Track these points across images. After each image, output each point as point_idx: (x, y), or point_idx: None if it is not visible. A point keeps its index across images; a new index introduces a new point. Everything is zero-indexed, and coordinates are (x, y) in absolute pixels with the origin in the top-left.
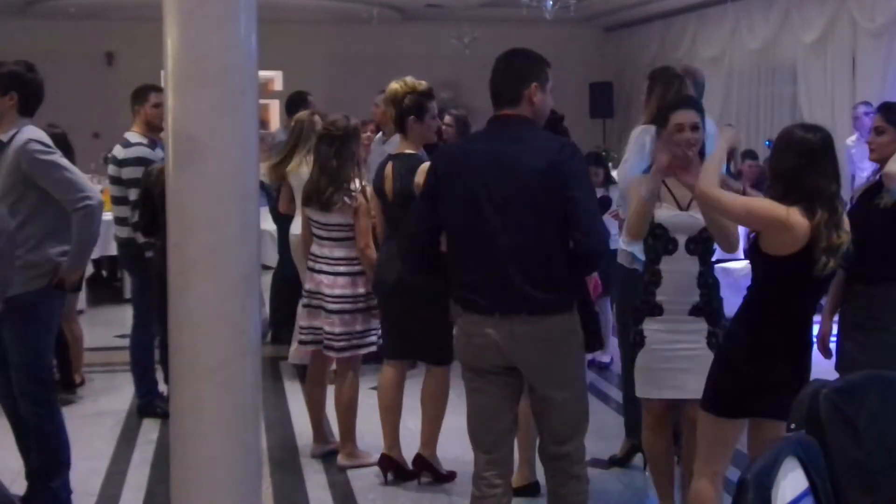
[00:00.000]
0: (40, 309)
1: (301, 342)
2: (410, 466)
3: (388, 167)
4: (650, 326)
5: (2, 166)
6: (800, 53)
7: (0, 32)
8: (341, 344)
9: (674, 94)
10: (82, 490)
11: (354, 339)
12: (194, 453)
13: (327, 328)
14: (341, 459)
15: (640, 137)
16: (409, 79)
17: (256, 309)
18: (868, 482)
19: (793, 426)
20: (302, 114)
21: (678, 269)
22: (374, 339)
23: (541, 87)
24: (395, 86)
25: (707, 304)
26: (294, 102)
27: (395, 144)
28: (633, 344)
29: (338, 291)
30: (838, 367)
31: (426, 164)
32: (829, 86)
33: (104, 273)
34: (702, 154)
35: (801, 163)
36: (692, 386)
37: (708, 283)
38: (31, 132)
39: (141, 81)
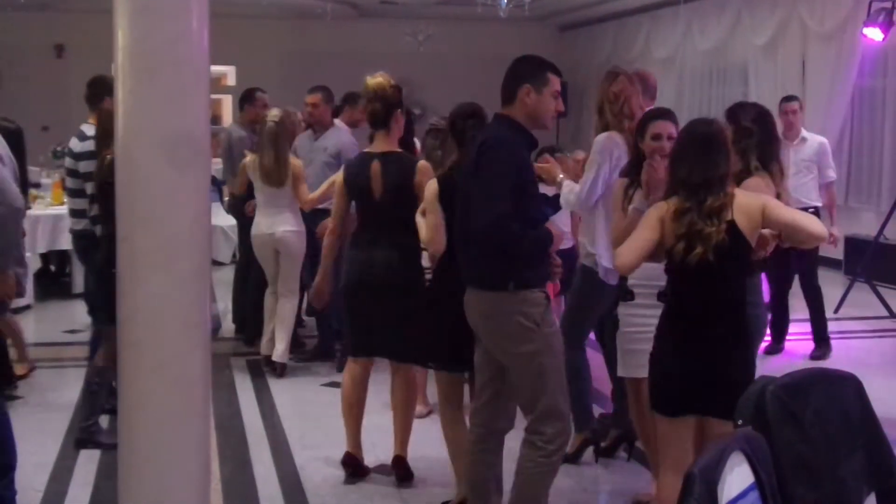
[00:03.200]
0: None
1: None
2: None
3: (375, 166)
4: (624, 311)
5: None
6: (751, 55)
7: None
8: None
9: (605, 92)
10: (28, 486)
11: None
12: (143, 448)
13: None
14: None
15: (608, 146)
16: (383, 74)
17: (207, 303)
18: (813, 477)
19: (740, 422)
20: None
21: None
22: None
23: (535, 89)
24: (379, 80)
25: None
26: (244, 98)
27: (334, 140)
28: (612, 325)
29: None
30: None
31: (425, 164)
32: (779, 87)
33: (52, 267)
34: None
35: (674, 156)
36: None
37: None
38: None
39: (91, 74)
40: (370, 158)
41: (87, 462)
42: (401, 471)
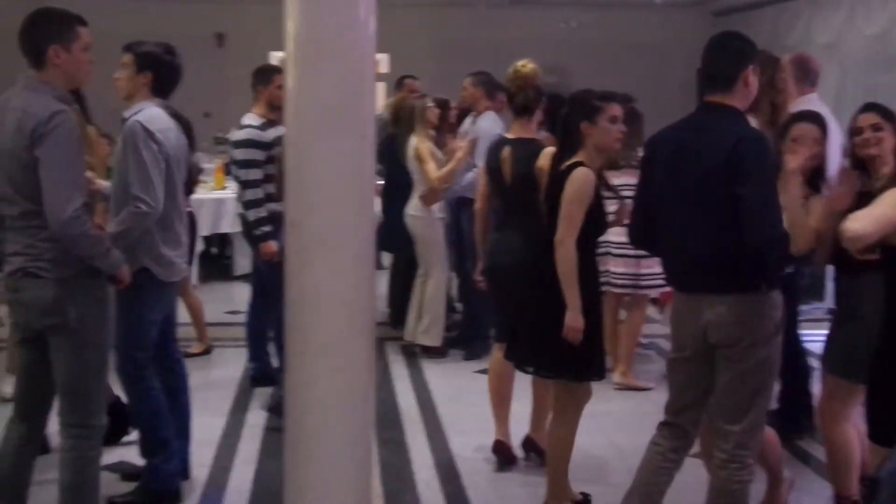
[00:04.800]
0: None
1: None
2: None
3: (506, 151)
4: None
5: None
6: None
7: (113, 13)
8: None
9: (765, 81)
10: (196, 461)
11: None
12: (308, 429)
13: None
14: (617, 378)
15: None
16: (532, 62)
17: (372, 288)
18: None
19: None
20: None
21: None
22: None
23: (754, 71)
24: (531, 66)
25: None
26: (396, 86)
27: (490, 124)
28: None
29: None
30: None
31: (550, 150)
32: None
33: (214, 250)
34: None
35: None
36: None
37: None
38: (147, 115)
39: (251, 62)
40: (504, 143)
41: (251, 440)
42: (531, 449)
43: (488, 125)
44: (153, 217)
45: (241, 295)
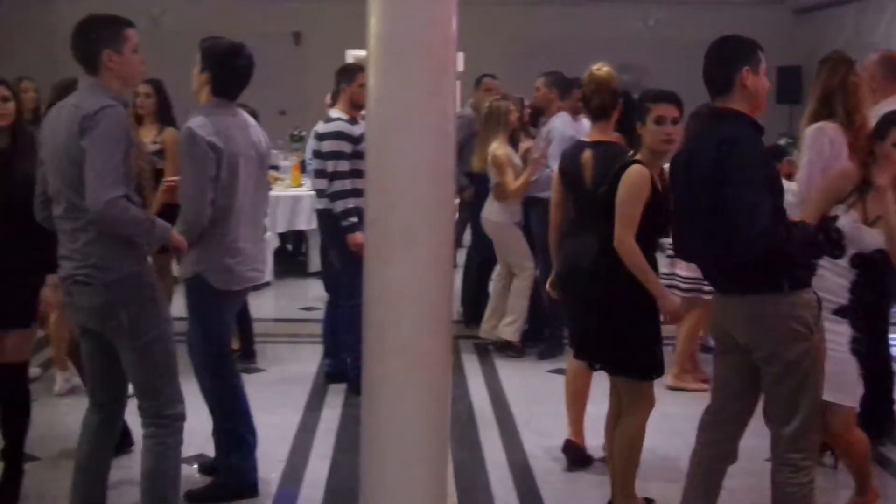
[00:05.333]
0: (195, 294)
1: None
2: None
3: (587, 154)
4: None
5: None
6: None
7: (194, 11)
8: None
9: (836, 83)
10: (272, 456)
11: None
12: (384, 428)
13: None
14: (670, 380)
15: (819, 140)
16: (607, 64)
17: (450, 287)
18: None
19: None
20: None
21: (834, 271)
22: None
23: (752, 70)
24: (606, 69)
25: (854, 308)
26: (476, 84)
27: (562, 125)
28: None
29: None
30: None
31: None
32: None
33: (289, 247)
34: None
35: None
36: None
37: (859, 290)
38: (201, 119)
39: (327, 61)
40: (583, 147)
41: (326, 435)
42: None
43: (561, 126)
44: (201, 225)
45: (315, 292)
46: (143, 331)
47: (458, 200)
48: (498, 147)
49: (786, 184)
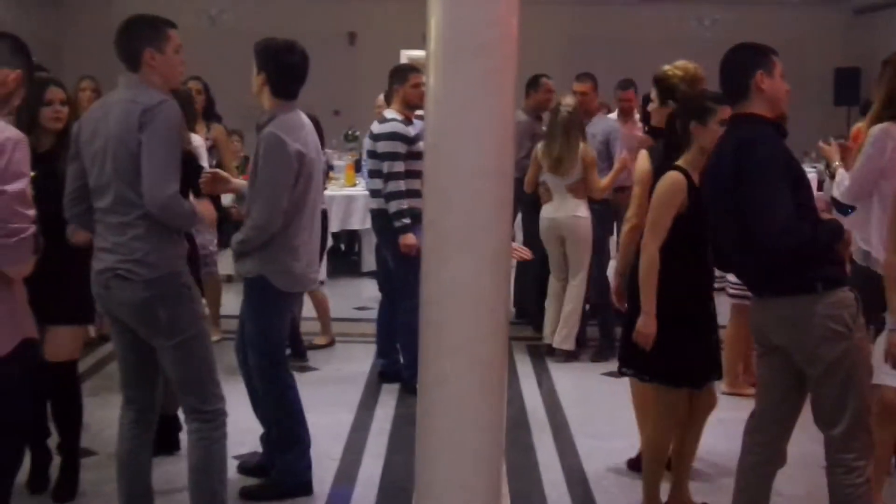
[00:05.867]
0: (256, 295)
1: None
2: None
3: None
4: None
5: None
6: None
7: (248, 10)
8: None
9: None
10: (324, 454)
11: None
12: (439, 427)
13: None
14: (725, 387)
15: (881, 139)
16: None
17: (507, 288)
18: None
19: None
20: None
21: None
22: None
23: (767, 74)
24: (694, 66)
25: None
26: (530, 84)
27: (602, 127)
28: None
29: None
30: None
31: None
32: None
33: (342, 246)
34: None
35: None
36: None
37: None
38: (281, 123)
39: (381, 61)
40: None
41: (379, 435)
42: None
43: (605, 127)
44: (271, 231)
45: (368, 291)
46: (181, 329)
47: None
48: (588, 147)
49: (842, 173)
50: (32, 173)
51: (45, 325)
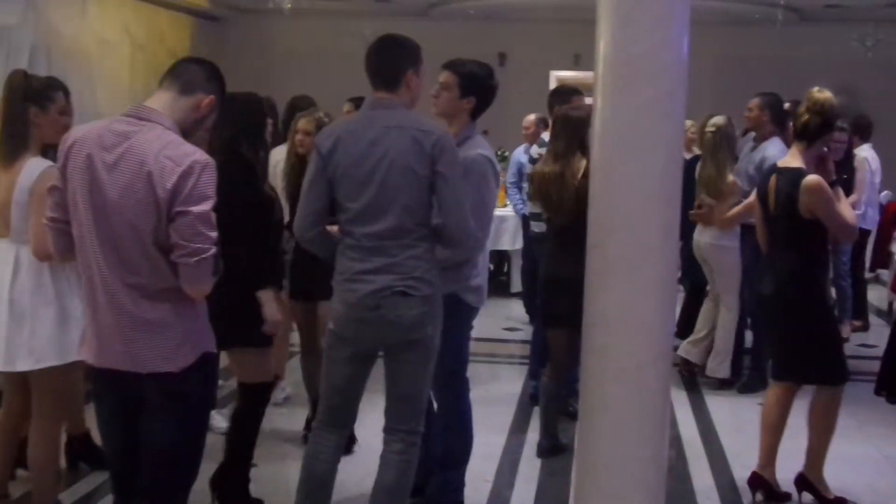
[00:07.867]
0: (463, 306)
1: None
2: (781, 488)
3: (773, 180)
4: None
5: None
6: None
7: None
8: None
9: None
10: (478, 476)
11: None
12: (600, 453)
13: None
14: None
15: None
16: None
17: (671, 313)
18: None
19: None
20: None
21: None
22: None
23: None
24: (828, 95)
25: None
26: None
27: (777, 152)
28: None
29: None
30: None
31: (811, 179)
32: None
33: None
34: None
35: None
36: None
37: None
38: (481, 145)
39: (531, 82)
40: (772, 172)
41: (531, 458)
42: (804, 488)
43: (775, 153)
44: (479, 252)
45: (517, 312)
46: (434, 345)
47: None
48: (731, 173)
49: None
50: None
51: (232, 348)
